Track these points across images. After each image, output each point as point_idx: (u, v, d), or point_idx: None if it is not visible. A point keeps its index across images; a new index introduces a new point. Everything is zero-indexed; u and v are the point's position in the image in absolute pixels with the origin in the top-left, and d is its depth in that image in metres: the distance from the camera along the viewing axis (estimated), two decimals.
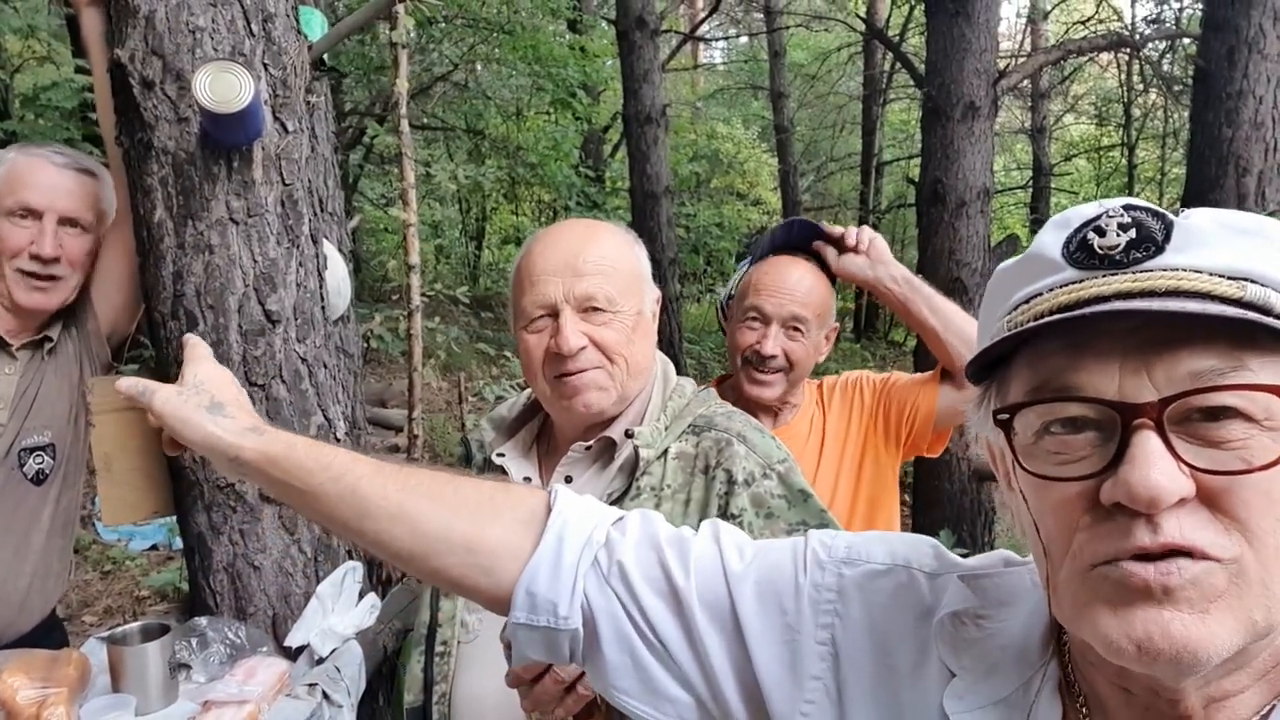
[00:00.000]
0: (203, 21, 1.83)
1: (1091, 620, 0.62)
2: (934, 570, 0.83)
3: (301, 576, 2.00)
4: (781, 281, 1.96)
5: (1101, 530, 0.62)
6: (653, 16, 8.42)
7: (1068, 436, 0.64)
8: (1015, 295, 0.70)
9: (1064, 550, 0.64)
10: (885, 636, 0.81)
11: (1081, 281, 0.65)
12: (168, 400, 1.07)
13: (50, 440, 1.96)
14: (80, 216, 1.92)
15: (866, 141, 14.64)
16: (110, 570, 5.05)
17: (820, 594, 0.84)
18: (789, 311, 1.94)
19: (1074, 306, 0.64)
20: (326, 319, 2.06)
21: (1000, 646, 0.76)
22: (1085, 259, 0.66)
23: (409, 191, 2.73)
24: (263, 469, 0.99)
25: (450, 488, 0.94)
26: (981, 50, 5.21)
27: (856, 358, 12.78)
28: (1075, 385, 0.63)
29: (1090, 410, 0.63)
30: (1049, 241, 0.68)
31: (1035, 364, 0.66)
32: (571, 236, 1.47)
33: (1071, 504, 0.63)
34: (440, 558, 0.90)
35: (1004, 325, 0.70)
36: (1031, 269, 0.69)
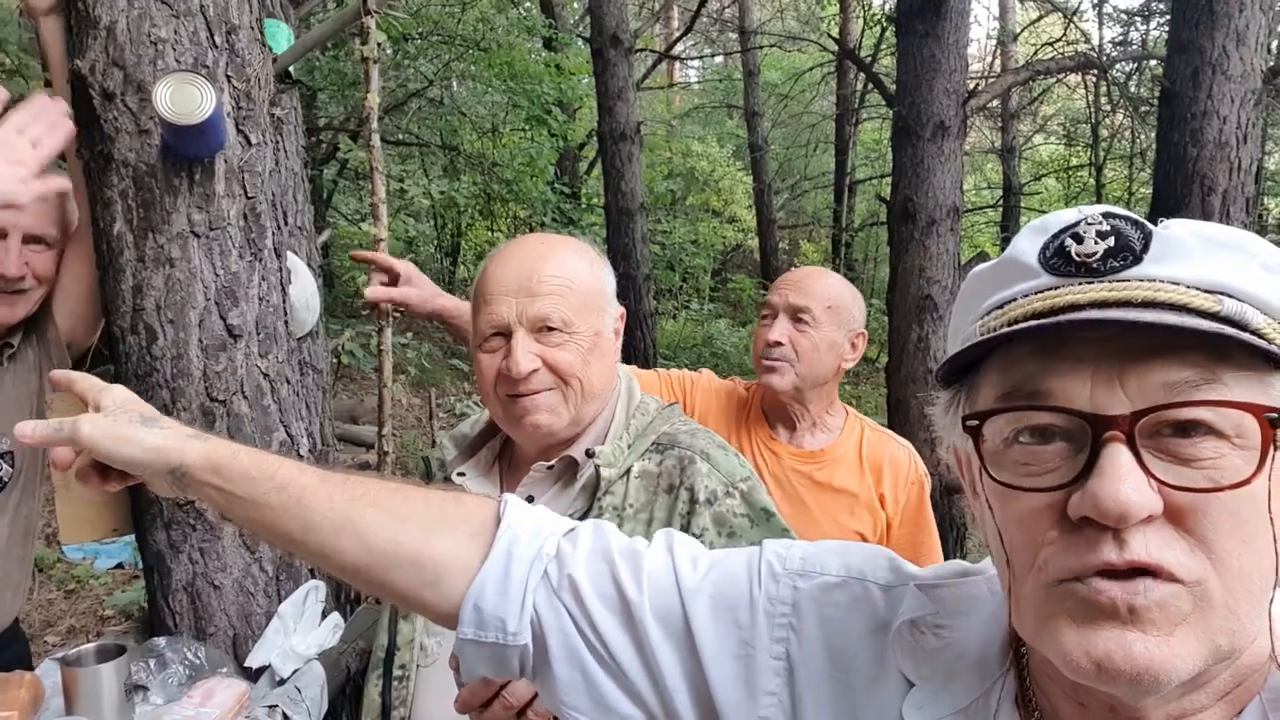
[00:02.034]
0: (165, 33, 1.81)
1: (1053, 635, 0.61)
2: (889, 582, 0.82)
3: (263, 596, 1.97)
4: (790, 278, 2.11)
5: (1068, 543, 0.61)
6: (627, 35, 8.45)
7: (1037, 446, 0.63)
8: (989, 300, 0.69)
9: (1028, 563, 0.63)
10: (841, 650, 0.80)
11: (1057, 288, 0.64)
12: (96, 424, 0.99)
13: (8, 448, 1.93)
14: (45, 233, 1.89)
15: (839, 160, 14.74)
16: (74, 589, 4.96)
17: (775, 607, 0.82)
18: (792, 301, 2.04)
19: (1048, 314, 0.63)
20: (290, 334, 2.03)
21: (958, 655, 0.75)
22: (1062, 265, 0.65)
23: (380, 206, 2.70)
24: (207, 478, 0.94)
25: (399, 498, 0.91)
26: (951, 70, 5.26)
27: None
28: (1047, 393, 0.62)
29: (1061, 420, 0.62)
30: (1026, 247, 0.67)
31: (1006, 370, 0.65)
32: (528, 254, 1.44)
33: (1038, 515, 0.62)
34: (387, 571, 0.88)
35: (976, 330, 0.69)
36: (1007, 274, 0.68)
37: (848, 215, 14.83)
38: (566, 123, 11.32)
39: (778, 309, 2.06)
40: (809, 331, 2.03)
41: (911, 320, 5.29)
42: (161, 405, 1.86)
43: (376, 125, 2.52)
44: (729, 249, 16.62)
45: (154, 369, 1.86)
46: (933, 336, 5.22)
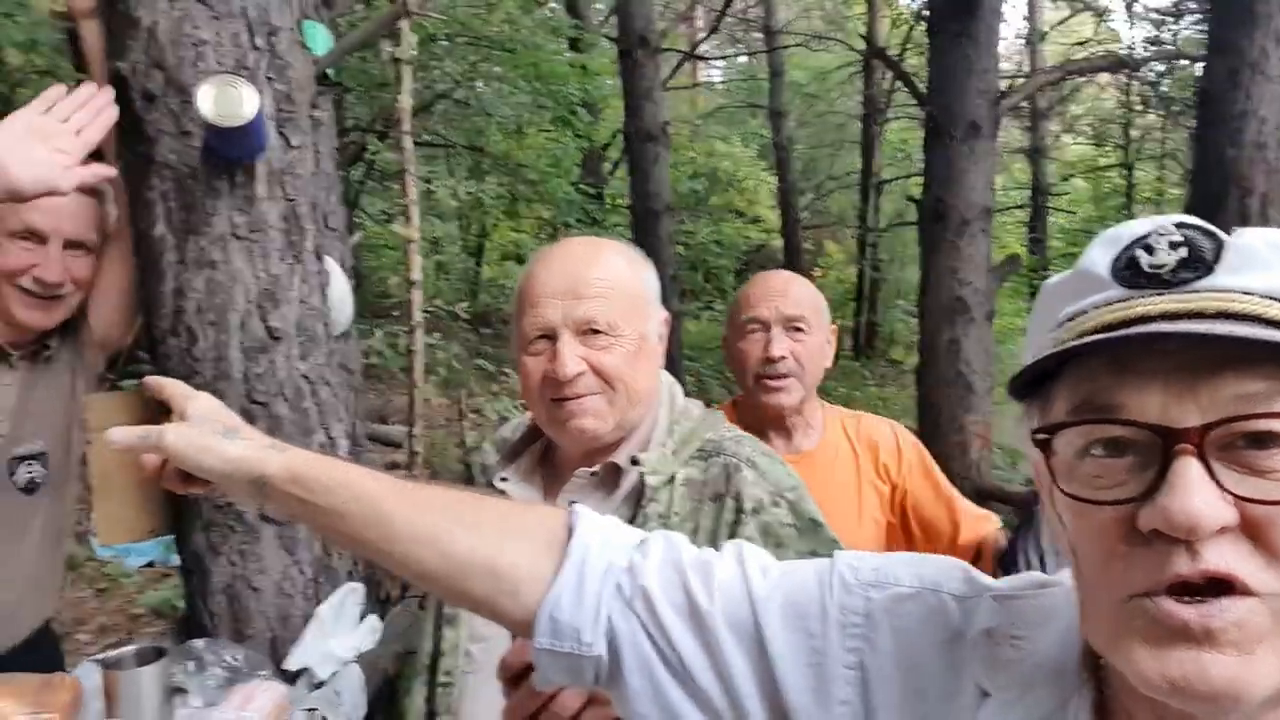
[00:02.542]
0: (206, 35, 1.81)
1: (1125, 652, 0.60)
2: (963, 593, 0.81)
3: (301, 598, 1.97)
4: (770, 287, 2.00)
5: (1138, 558, 0.60)
6: (654, 35, 8.45)
7: (1108, 460, 0.62)
8: (1062, 312, 0.69)
9: (1100, 577, 0.63)
10: (915, 661, 0.79)
11: (1128, 300, 0.64)
12: (181, 434, 1.03)
13: (42, 448, 1.94)
14: (85, 238, 1.89)
15: (865, 160, 14.68)
16: (105, 588, 5.00)
17: (847, 617, 0.82)
18: (785, 312, 1.96)
19: (1119, 326, 0.62)
20: (329, 336, 2.03)
21: (1036, 666, 0.74)
22: (1133, 277, 0.64)
23: (411, 208, 2.70)
24: (288, 489, 0.96)
25: (473, 508, 0.92)
26: (984, 70, 5.22)
27: (856, 375, 12.77)
28: (1117, 406, 0.62)
29: (1132, 433, 0.61)
30: (1097, 258, 0.67)
31: (1078, 383, 0.65)
32: (573, 257, 1.43)
33: (1109, 529, 0.61)
34: (464, 580, 0.89)
35: (1049, 342, 0.69)
36: (1078, 286, 0.68)
37: (873, 215, 14.76)
38: (591, 123, 11.32)
39: (769, 321, 1.97)
40: (805, 340, 1.98)
41: (943, 322, 5.25)
42: None
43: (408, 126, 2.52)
44: (753, 249, 16.56)
45: (195, 371, 1.86)
46: (964, 339, 5.17)
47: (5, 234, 1.82)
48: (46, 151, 1.59)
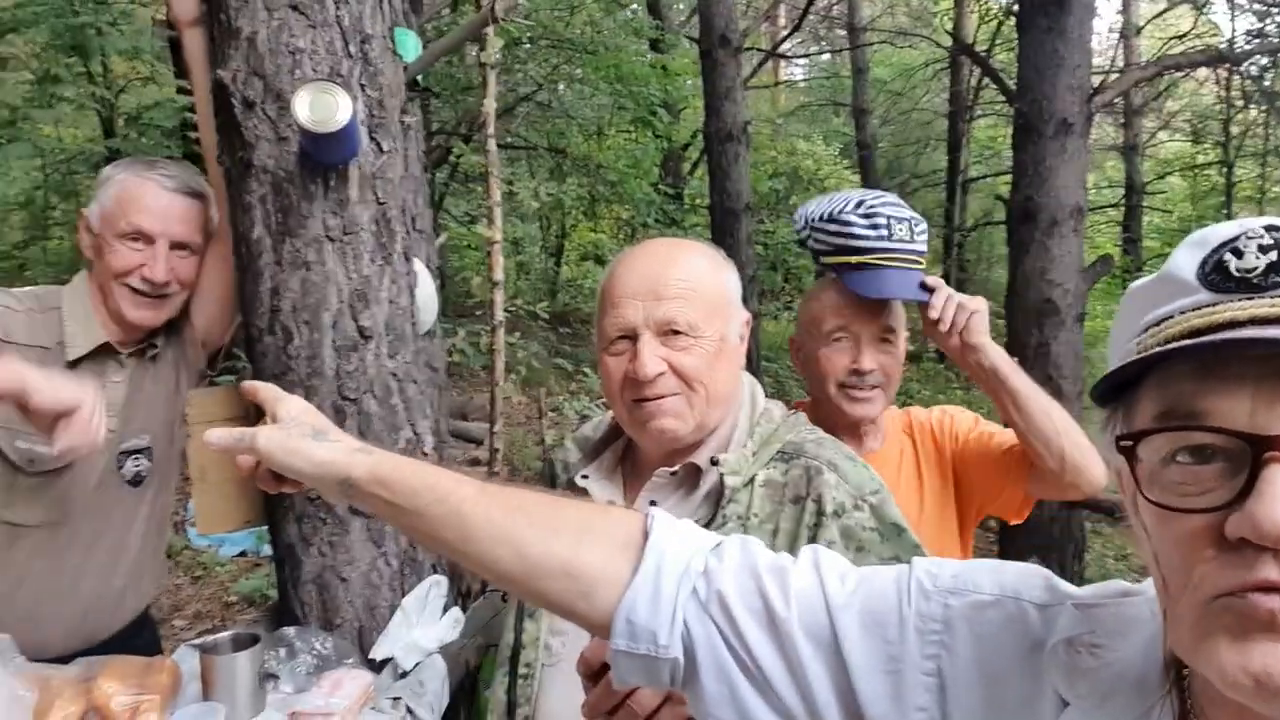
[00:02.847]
0: (303, 43, 1.88)
1: (1208, 652, 0.59)
2: (1044, 601, 0.80)
3: (388, 589, 2.02)
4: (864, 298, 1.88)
5: (1225, 561, 0.59)
6: (736, 34, 8.41)
7: (1195, 466, 0.61)
8: (1146, 317, 0.68)
9: (1184, 582, 0.62)
10: (994, 668, 0.78)
11: (1215, 305, 0.62)
12: (271, 437, 1.07)
13: (148, 444, 2.02)
14: (190, 240, 1.97)
15: (952, 158, 14.38)
16: (200, 575, 5.20)
17: (925, 624, 0.81)
18: (880, 324, 1.87)
19: (1206, 331, 0.61)
20: (416, 335, 2.08)
21: (1117, 675, 0.73)
22: (1220, 281, 0.63)
23: (495, 210, 2.75)
24: (373, 490, 1.00)
25: (550, 510, 0.94)
26: (1075, 66, 5.07)
27: (940, 378, 12.52)
28: (1204, 413, 0.60)
29: (1219, 440, 0.60)
30: (1183, 262, 0.65)
31: (1163, 389, 0.63)
32: (655, 257, 1.44)
33: (1196, 537, 0.60)
34: (542, 580, 0.91)
35: (1134, 347, 0.68)
36: (1164, 290, 0.67)
37: (960, 215, 14.45)
38: (672, 123, 11.33)
39: (859, 334, 1.86)
40: (892, 351, 1.89)
41: (1031, 325, 5.11)
42: None
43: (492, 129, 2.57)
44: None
45: (289, 368, 1.93)
46: (1053, 342, 5.04)
47: (115, 236, 1.91)
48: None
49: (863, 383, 1.86)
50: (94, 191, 1.99)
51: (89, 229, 1.97)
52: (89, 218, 1.97)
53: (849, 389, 1.87)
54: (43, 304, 1.96)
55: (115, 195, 1.93)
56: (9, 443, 1.85)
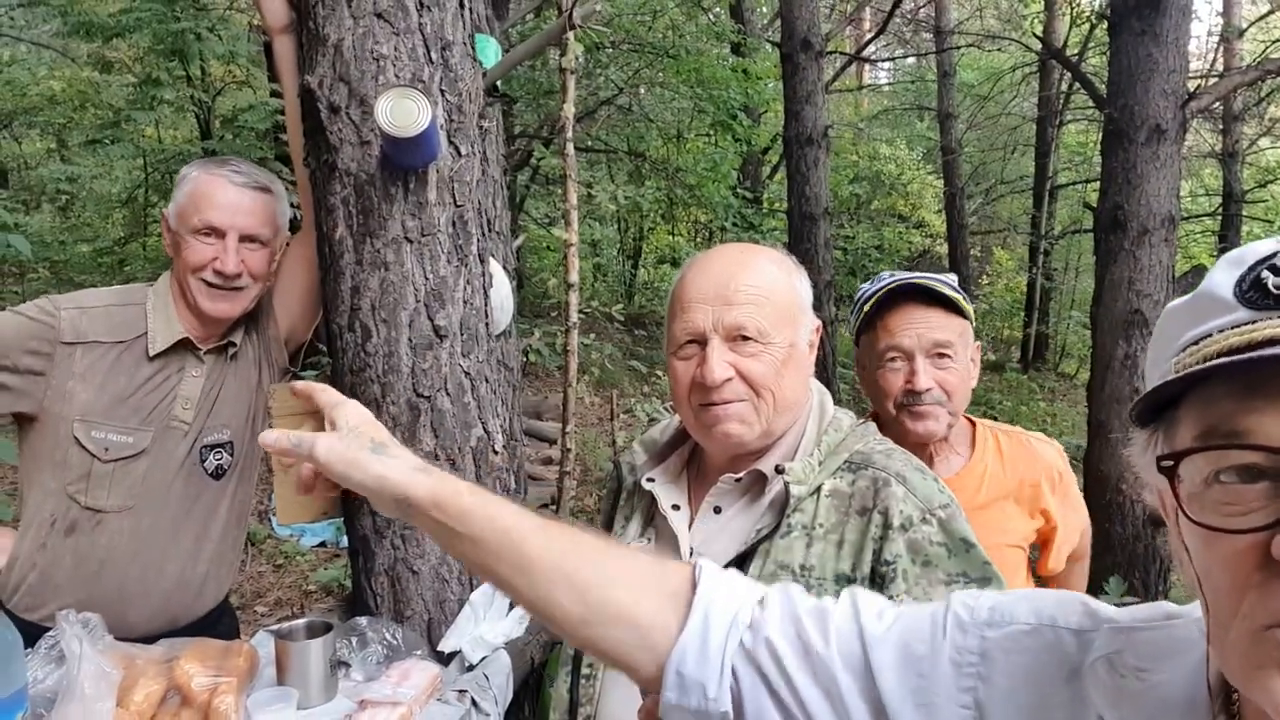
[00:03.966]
0: (386, 49, 1.93)
1: (1263, 684, 0.58)
2: (1082, 627, 0.79)
3: (456, 583, 2.06)
4: (912, 314, 1.85)
5: (1274, 587, 0.58)
6: (818, 38, 8.34)
7: (1239, 486, 0.60)
8: (1184, 336, 0.67)
9: (1233, 608, 0.60)
10: (1033, 697, 0.78)
11: (1255, 322, 0.61)
12: (330, 447, 1.06)
13: (229, 438, 2.10)
14: (259, 233, 2.04)
15: (1040, 164, 14.03)
16: (282, 564, 5.36)
17: (962, 656, 0.81)
18: (930, 340, 1.83)
19: (1245, 349, 0.60)
20: (490, 335, 2.12)
21: (1163, 699, 0.72)
22: (1259, 299, 0.62)
23: (571, 212, 2.79)
24: (431, 513, 0.99)
25: (609, 556, 0.95)
26: (1169, 70, 4.91)
27: (1024, 389, 12.23)
28: (1247, 431, 0.59)
29: (1264, 459, 0.59)
30: (1221, 280, 0.64)
31: (1204, 408, 0.62)
32: (726, 262, 1.44)
33: (1241, 558, 0.59)
34: (601, 627, 0.91)
35: (1172, 367, 0.67)
36: (1201, 308, 0.66)
37: (1047, 222, 14.09)
38: (751, 127, 11.29)
39: (911, 350, 1.83)
40: (952, 365, 1.84)
41: (1118, 336, 4.96)
42: (372, 399, 1.98)
43: (570, 133, 2.60)
44: (915, 255, 16.12)
45: (367, 365, 1.98)
46: (1141, 354, 4.88)
47: (189, 232, 2.00)
48: None
49: (920, 402, 1.83)
50: (173, 192, 2.08)
51: (168, 227, 2.06)
52: (168, 216, 2.06)
53: (909, 408, 1.85)
54: (125, 300, 2.05)
55: (188, 193, 2.02)
56: (86, 433, 1.94)
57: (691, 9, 10.60)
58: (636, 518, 1.55)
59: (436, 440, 2.00)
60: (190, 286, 2.00)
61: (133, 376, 1.99)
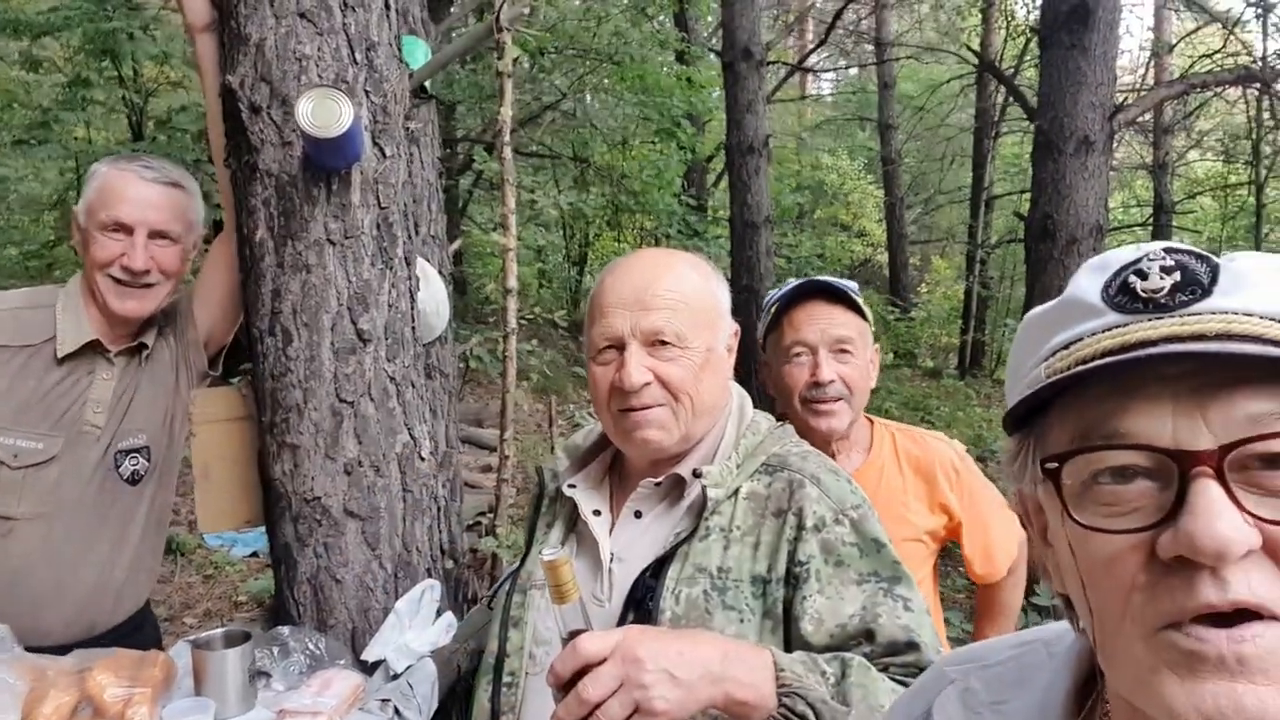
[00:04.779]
0: (309, 50, 1.90)
1: (1156, 690, 0.58)
2: (942, 665, 0.84)
3: (381, 592, 2.03)
4: (815, 311, 1.94)
5: (1162, 587, 0.58)
6: (758, 48, 8.42)
7: (1118, 487, 0.61)
8: (1052, 341, 0.68)
9: (1119, 611, 0.61)
10: None
11: (1126, 325, 0.63)
12: None
13: (145, 443, 2.05)
14: (169, 229, 2.00)
15: (976, 175, 14.32)
16: (212, 575, 5.24)
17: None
18: (834, 335, 1.91)
19: (1120, 351, 0.61)
20: (417, 339, 2.10)
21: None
22: (1128, 303, 0.63)
23: (509, 217, 2.77)
24: None
25: None
26: (1097, 84, 5.05)
27: (961, 395, 12.43)
28: (1125, 432, 0.60)
29: (1143, 458, 0.60)
30: (1087, 286, 0.66)
31: (1079, 411, 0.63)
32: (644, 267, 1.44)
33: (1125, 558, 0.60)
34: None
35: (1042, 372, 0.67)
36: (1068, 314, 0.67)
37: (984, 231, 14.37)
38: (695, 135, 11.36)
39: (815, 345, 1.90)
40: (853, 361, 1.92)
41: None
42: (294, 405, 1.95)
43: (509, 137, 2.59)
44: (856, 263, 16.34)
45: (288, 370, 1.95)
46: None
47: (97, 228, 1.95)
48: None
49: (824, 394, 1.90)
50: (83, 188, 2.03)
51: (77, 225, 2.01)
52: (77, 214, 2.01)
53: (812, 403, 1.91)
54: (34, 302, 2.00)
55: (97, 188, 1.97)
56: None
57: (636, 16, 10.63)
58: (559, 524, 1.54)
59: (360, 447, 1.98)
60: (98, 284, 1.95)
61: (41, 380, 1.94)
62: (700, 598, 1.31)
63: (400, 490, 2.04)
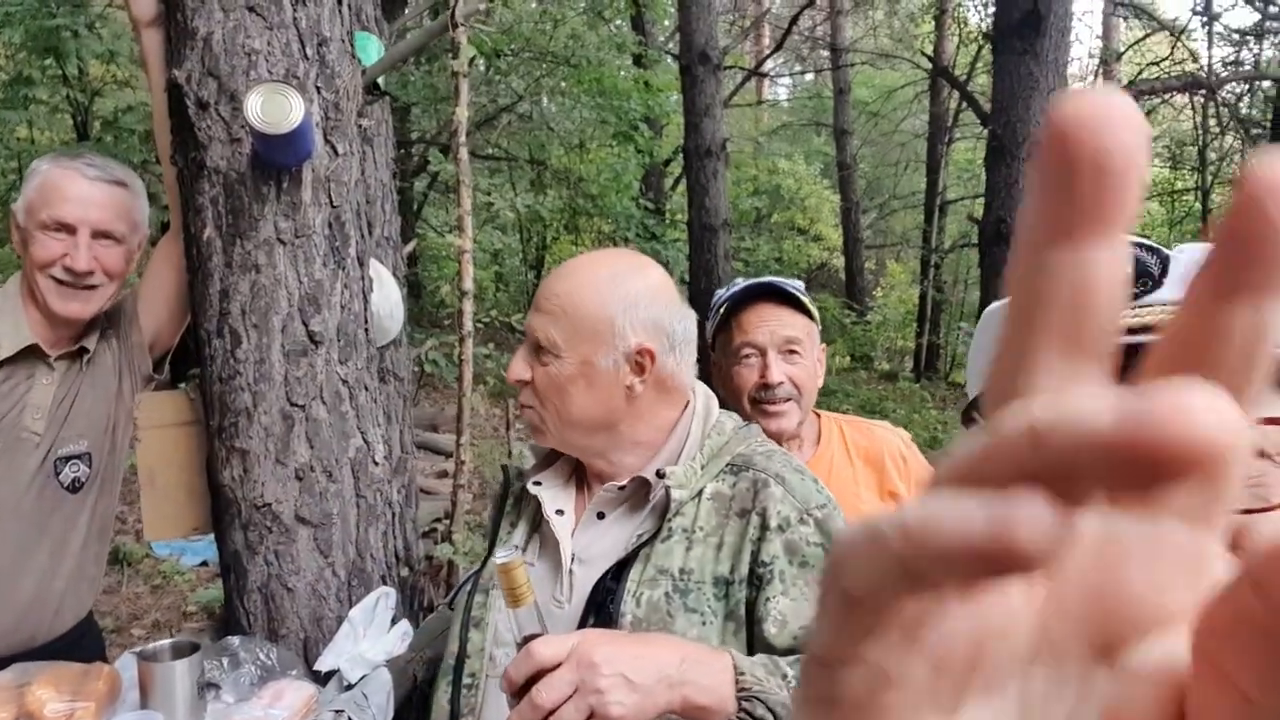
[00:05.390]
0: (258, 44, 1.86)
1: None
2: None
3: (335, 600, 1.99)
4: (764, 312, 1.96)
5: None
6: (715, 51, 8.46)
7: None
8: None
9: None
10: None
11: None
12: None
13: (86, 449, 1.99)
14: (113, 229, 1.93)
15: (930, 180, 14.51)
16: (160, 585, 5.12)
17: None
18: (782, 336, 1.93)
19: None
20: (370, 342, 2.06)
21: None
22: None
23: (465, 218, 2.74)
24: None
25: None
26: (1049, 89, 5.13)
27: (916, 398, 12.57)
28: None
29: None
30: None
31: None
32: (561, 269, 1.45)
33: None
34: None
35: None
36: None
37: (938, 236, 14.56)
38: (653, 139, 11.36)
39: (764, 346, 1.92)
40: (801, 361, 1.94)
41: None
42: (243, 408, 1.90)
43: (465, 139, 2.55)
44: (814, 267, 16.46)
45: (237, 372, 1.90)
46: None
47: (37, 227, 1.88)
48: None
49: (774, 396, 1.92)
50: (23, 186, 1.96)
51: (16, 224, 1.94)
52: (16, 213, 1.94)
53: (762, 404, 1.93)
54: None
55: (38, 186, 1.90)
56: None
57: (593, 19, 10.63)
58: (523, 523, 1.52)
59: (312, 452, 1.93)
60: (39, 285, 1.88)
61: None
62: (662, 600, 1.30)
63: (354, 496, 2.00)
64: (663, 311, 1.40)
